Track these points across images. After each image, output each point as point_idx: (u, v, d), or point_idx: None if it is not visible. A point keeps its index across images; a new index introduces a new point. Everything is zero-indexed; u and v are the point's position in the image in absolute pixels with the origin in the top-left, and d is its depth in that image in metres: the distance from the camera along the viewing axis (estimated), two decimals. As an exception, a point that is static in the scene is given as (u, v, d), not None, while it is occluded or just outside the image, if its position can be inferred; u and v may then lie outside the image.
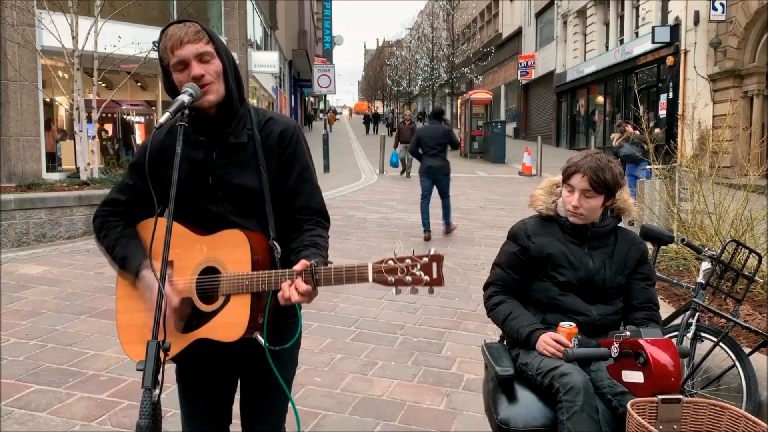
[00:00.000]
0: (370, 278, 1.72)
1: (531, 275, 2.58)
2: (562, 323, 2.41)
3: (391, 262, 1.71)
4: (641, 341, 2.10)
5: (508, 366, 2.43)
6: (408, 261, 1.70)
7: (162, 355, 1.57)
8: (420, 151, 9.45)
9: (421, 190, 9.44)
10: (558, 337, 2.38)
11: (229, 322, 1.83)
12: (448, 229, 9.65)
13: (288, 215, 1.98)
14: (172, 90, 1.91)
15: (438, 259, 1.70)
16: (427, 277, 1.69)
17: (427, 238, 9.15)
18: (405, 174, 18.73)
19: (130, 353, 1.95)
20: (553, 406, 2.26)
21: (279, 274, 1.78)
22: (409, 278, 1.69)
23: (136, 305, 1.95)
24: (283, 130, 1.98)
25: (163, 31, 1.88)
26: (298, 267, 1.76)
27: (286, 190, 1.98)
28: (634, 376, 2.12)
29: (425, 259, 1.70)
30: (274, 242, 1.91)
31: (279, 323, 1.95)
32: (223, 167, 1.93)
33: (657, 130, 12.02)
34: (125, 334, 1.99)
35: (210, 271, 1.88)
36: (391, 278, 1.70)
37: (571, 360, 2.26)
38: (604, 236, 2.57)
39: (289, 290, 1.75)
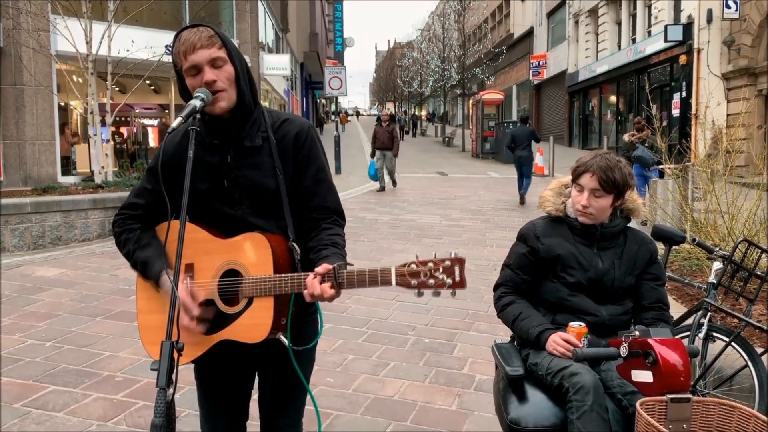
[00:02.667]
0: (393, 281, 1.73)
1: (540, 276, 2.59)
2: (571, 323, 2.42)
3: (413, 266, 1.72)
4: (650, 341, 2.11)
5: (518, 366, 2.44)
6: (431, 264, 1.71)
7: (176, 355, 1.60)
8: (513, 145, 13.74)
9: (517, 174, 13.70)
10: (568, 337, 2.39)
11: (253, 324, 1.86)
12: (523, 198, 13.28)
13: (304, 214, 2.00)
14: (186, 94, 1.94)
15: (460, 262, 1.71)
16: (449, 280, 1.70)
17: (521, 202, 13.12)
18: (382, 187, 15.02)
19: (153, 353, 1.98)
20: (563, 406, 2.27)
21: (302, 278, 1.81)
22: (432, 281, 1.71)
23: (157, 306, 1.98)
24: (298, 131, 2.00)
25: (176, 35, 1.90)
26: (320, 269, 1.78)
27: (302, 190, 2.00)
28: (643, 376, 2.12)
29: (447, 263, 1.70)
30: (294, 244, 1.94)
31: (299, 323, 1.98)
32: (239, 170, 1.96)
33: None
34: (147, 334, 2.02)
35: (231, 274, 1.91)
36: (414, 281, 1.71)
37: (580, 360, 2.27)
38: (614, 236, 2.58)
39: (321, 288, 1.76)
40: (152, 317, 2.00)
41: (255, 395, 2.20)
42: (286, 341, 1.88)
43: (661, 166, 9.85)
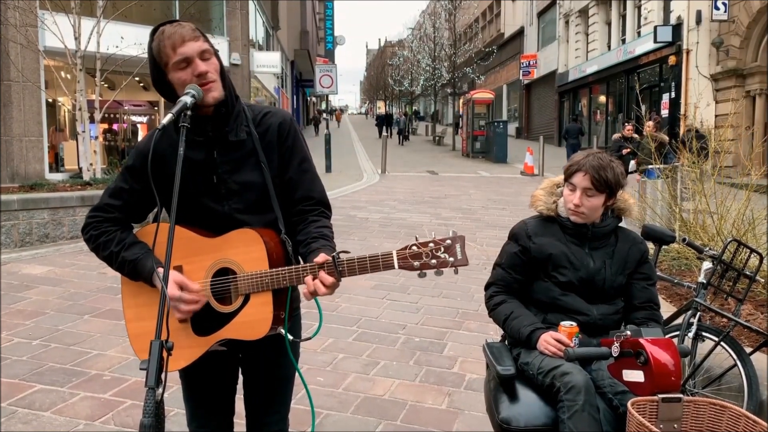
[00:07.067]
0: (396, 265, 1.74)
1: (532, 275, 2.59)
2: (563, 323, 2.42)
3: (414, 248, 1.74)
4: (642, 340, 2.11)
5: (509, 365, 2.44)
6: (431, 245, 1.74)
7: (165, 354, 1.59)
8: (567, 136, 21.61)
9: (567, 154, 20.09)
10: (559, 337, 2.39)
11: (253, 321, 1.85)
12: None
13: (290, 207, 2.00)
14: (163, 90, 1.92)
15: (461, 240, 1.74)
16: (452, 259, 1.73)
17: None
18: None
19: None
20: (554, 406, 2.26)
21: (300, 270, 1.81)
22: (434, 261, 1.73)
23: (148, 313, 1.94)
24: (281, 122, 2.01)
25: (154, 31, 1.88)
26: (319, 259, 1.78)
27: (287, 181, 2.00)
28: (634, 376, 2.12)
29: (448, 242, 1.74)
30: (285, 236, 1.93)
31: (289, 316, 1.97)
32: (226, 165, 1.95)
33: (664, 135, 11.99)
34: (139, 342, 1.97)
35: (223, 272, 1.89)
36: (416, 263, 1.73)
37: (572, 359, 2.27)
38: (605, 236, 2.58)
39: (314, 284, 1.78)
40: (143, 324, 1.95)
41: (241, 393, 2.18)
42: (287, 335, 1.88)
43: (648, 166, 9.90)
